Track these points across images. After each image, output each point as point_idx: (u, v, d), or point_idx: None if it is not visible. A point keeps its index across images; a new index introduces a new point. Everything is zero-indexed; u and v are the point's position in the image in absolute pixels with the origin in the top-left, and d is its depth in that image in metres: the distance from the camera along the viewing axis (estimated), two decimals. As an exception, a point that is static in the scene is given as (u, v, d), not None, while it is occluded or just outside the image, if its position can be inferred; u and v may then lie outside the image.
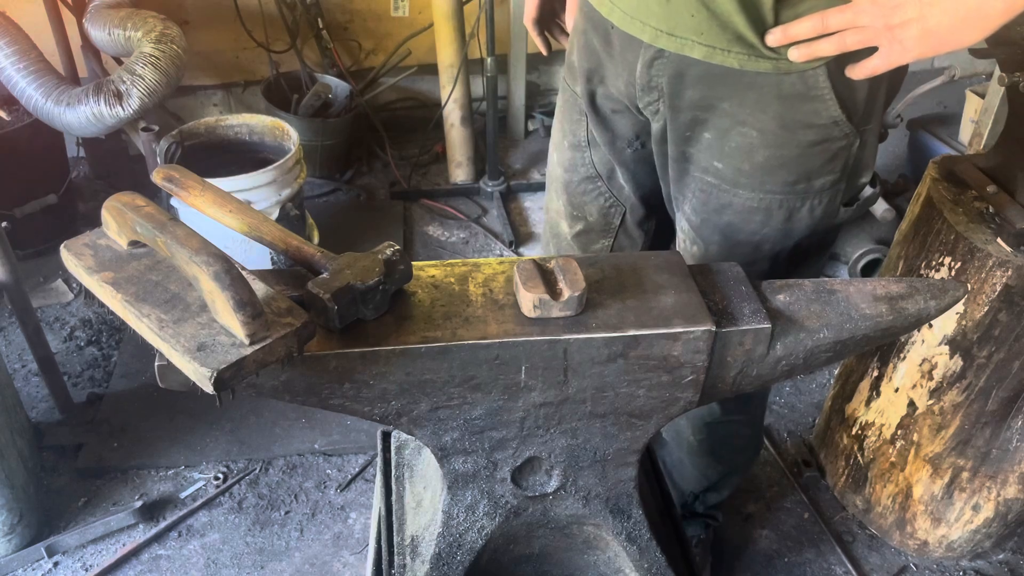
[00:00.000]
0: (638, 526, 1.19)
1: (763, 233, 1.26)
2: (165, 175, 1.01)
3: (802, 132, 1.16)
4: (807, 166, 1.19)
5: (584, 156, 1.43)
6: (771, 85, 1.13)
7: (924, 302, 1.05)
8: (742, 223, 1.26)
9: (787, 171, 1.20)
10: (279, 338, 0.83)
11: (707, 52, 1.12)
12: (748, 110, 1.16)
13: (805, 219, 1.25)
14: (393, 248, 0.98)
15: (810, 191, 1.22)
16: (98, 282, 0.89)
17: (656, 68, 1.20)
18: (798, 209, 1.23)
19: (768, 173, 1.20)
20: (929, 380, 1.78)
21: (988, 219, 1.65)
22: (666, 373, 1.00)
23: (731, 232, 1.28)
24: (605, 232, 1.48)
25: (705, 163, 1.24)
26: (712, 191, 1.26)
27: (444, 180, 3.51)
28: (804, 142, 1.17)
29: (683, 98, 1.20)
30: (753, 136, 1.18)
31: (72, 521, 2.08)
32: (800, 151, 1.18)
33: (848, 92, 1.14)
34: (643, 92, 1.25)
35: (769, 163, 1.19)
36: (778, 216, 1.24)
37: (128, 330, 2.60)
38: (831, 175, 1.21)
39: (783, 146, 1.17)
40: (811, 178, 1.21)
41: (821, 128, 1.16)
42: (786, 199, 1.22)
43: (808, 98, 1.13)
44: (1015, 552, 2.08)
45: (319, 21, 3.38)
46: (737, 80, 1.14)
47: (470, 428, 1.04)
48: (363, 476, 2.22)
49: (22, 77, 2.43)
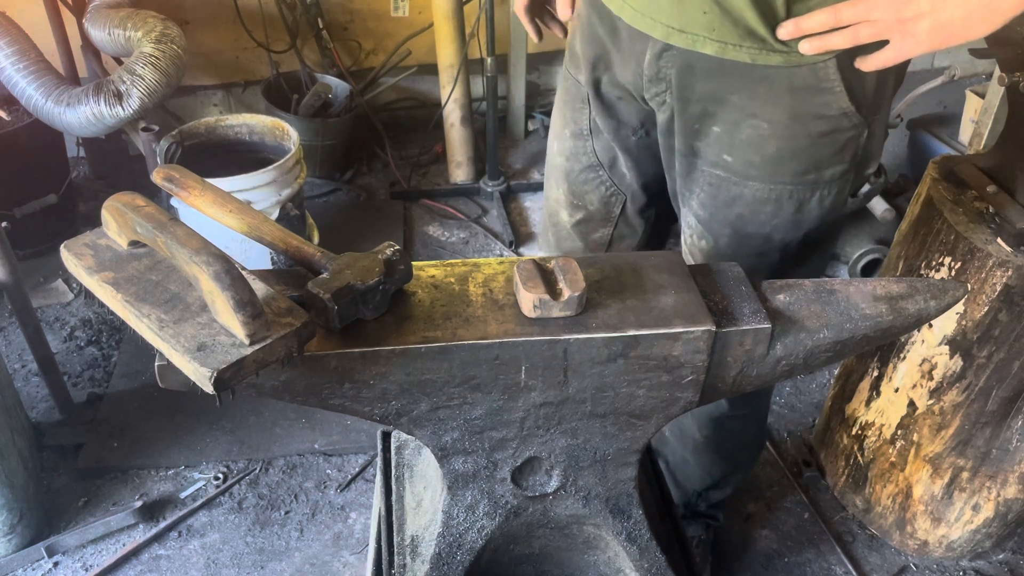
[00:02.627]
0: (638, 526, 1.19)
1: (773, 224, 1.27)
2: (165, 175, 1.01)
3: (813, 123, 1.17)
4: (817, 157, 1.21)
5: (586, 144, 1.43)
6: (782, 78, 1.14)
7: (924, 302, 1.05)
8: (752, 215, 1.27)
9: (798, 162, 1.21)
10: (279, 338, 0.83)
11: (719, 48, 1.13)
12: (759, 103, 1.17)
13: (815, 209, 1.26)
14: (393, 248, 0.98)
15: (820, 181, 1.23)
16: (98, 282, 0.89)
17: (665, 60, 1.21)
18: (808, 200, 1.25)
19: (779, 164, 1.21)
20: (929, 380, 1.78)
21: (988, 219, 1.65)
22: (666, 373, 1.00)
23: (741, 225, 1.29)
24: (605, 221, 1.48)
25: (714, 157, 1.25)
26: (722, 184, 1.26)
27: (444, 180, 3.51)
28: (814, 133, 1.18)
29: (692, 91, 1.21)
30: (764, 128, 1.19)
31: (72, 521, 2.08)
32: (811, 142, 1.19)
33: (858, 84, 1.15)
34: (651, 83, 1.25)
35: (780, 155, 1.20)
36: (788, 207, 1.25)
37: (128, 330, 2.60)
38: (841, 165, 1.23)
39: (794, 138, 1.19)
40: (821, 168, 1.22)
41: (831, 119, 1.17)
42: (796, 190, 1.24)
43: (819, 90, 1.14)
44: (1015, 552, 2.08)
45: (319, 21, 3.38)
46: (748, 73, 1.15)
47: (470, 428, 1.04)
48: (363, 476, 2.22)
49: (22, 77, 2.43)
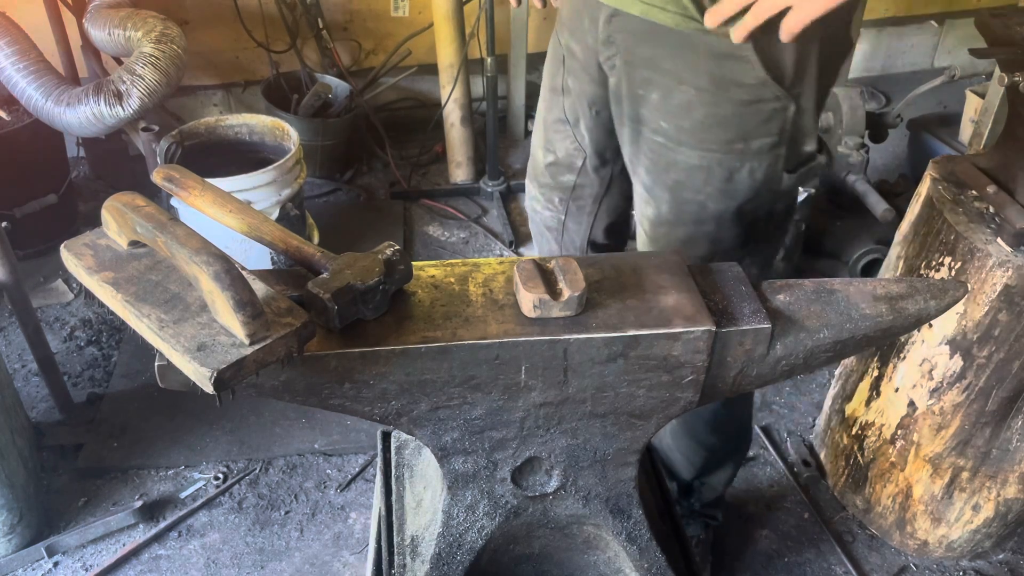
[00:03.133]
0: (638, 526, 1.19)
1: (707, 192, 1.33)
2: (165, 175, 1.01)
3: (734, 91, 1.23)
4: (743, 126, 1.26)
5: (558, 100, 1.54)
6: (704, 44, 1.21)
7: (924, 302, 1.05)
8: (688, 181, 1.33)
9: (723, 129, 1.27)
10: (279, 338, 0.83)
11: (644, 9, 1.22)
12: (686, 69, 1.24)
13: (746, 180, 1.31)
14: (393, 248, 0.98)
15: (748, 152, 1.28)
16: (98, 282, 0.89)
17: (614, 25, 1.30)
18: (738, 170, 1.30)
19: (706, 131, 1.27)
20: (929, 380, 1.78)
21: (988, 219, 1.65)
22: (666, 373, 1.00)
23: (678, 190, 1.35)
24: (569, 169, 1.61)
25: (654, 123, 1.32)
26: (661, 151, 1.33)
27: (444, 180, 3.51)
28: (736, 100, 1.24)
29: (635, 55, 1.29)
30: (692, 94, 1.25)
31: (72, 521, 2.08)
32: (734, 109, 1.25)
33: (773, 54, 1.20)
34: (604, 47, 1.34)
35: (707, 121, 1.27)
36: (718, 175, 1.31)
37: (128, 330, 2.60)
38: (768, 137, 1.27)
39: (718, 104, 1.25)
40: (748, 139, 1.27)
41: (751, 88, 1.23)
42: (725, 158, 1.29)
43: (735, 58, 1.21)
44: (1015, 552, 2.08)
45: (319, 21, 3.38)
46: (677, 40, 1.23)
47: (470, 428, 1.04)
48: (363, 476, 2.22)
49: (22, 77, 2.43)
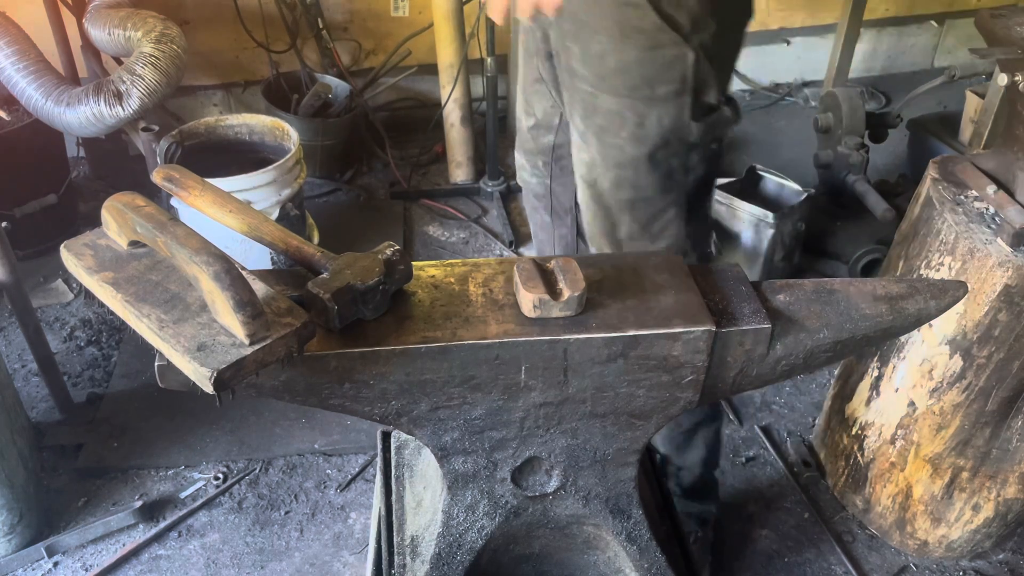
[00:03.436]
0: (638, 526, 1.19)
1: (623, 136, 1.40)
2: (165, 175, 1.01)
3: (636, 37, 1.31)
4: (646, 73, 1.34)
5: (533, 61, 1.63)
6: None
7: (924, 302, 1.05)
8: (608, 125, 1.40)
9: (630, 75, 1.34)
10: (279, 338, 0.83)
11: None
12: (598, 18, 1.33)
13: (655, 126, 1.37)
14: (393, 248, 0.98)
15: (654, 99, 1.35)
16: (98, 282, 0.89)
17: None
18: (647, 115, 1.37)
19: (617, 76, 1.35)
20: (929, 380, 1.78)
21: (988, 219, 1.65)
22: (666, 373, 1.00)
23: (602, 135, 1.42)
24: (549, 129, 1.68)
25: (581, 72, 1.39)
26: (588, 98, 1.41)
27: (444, 180, 3.51)
28: (639, 46, 1.31)
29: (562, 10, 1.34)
30: (604, 42, 1.33)
31: (72, 521, 2.08)
32: (638, 55, 1.32)
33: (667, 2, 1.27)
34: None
35: (617, 67, 1.35)
36: (631, 120, 1.38)
37: (128, 330, 2.60)
38: (671, 84, 1.34)
39: (624, 51, 1.33)
40: (652, 85, 1.34)
41: (649, 34, 1.30)
42: (635, 104, 1.36)
43: (631, 5, 1.28)
44: (1015, 552, 2.08)
45: (319, 21, 3.38)
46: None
47: (470, 428, 1.04)
48: (363, 476, 2.22)
49: (22, 77, 2.43)
